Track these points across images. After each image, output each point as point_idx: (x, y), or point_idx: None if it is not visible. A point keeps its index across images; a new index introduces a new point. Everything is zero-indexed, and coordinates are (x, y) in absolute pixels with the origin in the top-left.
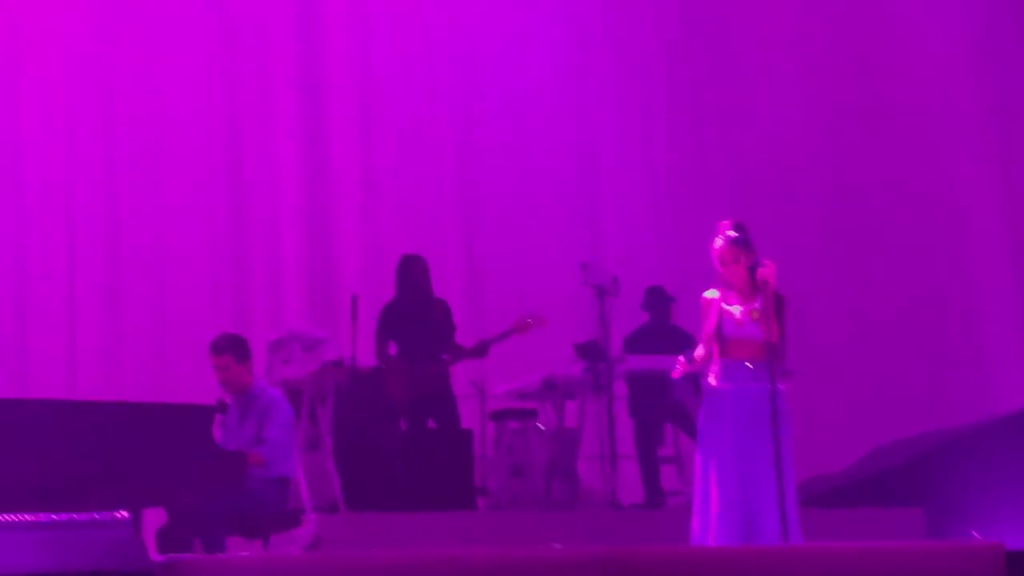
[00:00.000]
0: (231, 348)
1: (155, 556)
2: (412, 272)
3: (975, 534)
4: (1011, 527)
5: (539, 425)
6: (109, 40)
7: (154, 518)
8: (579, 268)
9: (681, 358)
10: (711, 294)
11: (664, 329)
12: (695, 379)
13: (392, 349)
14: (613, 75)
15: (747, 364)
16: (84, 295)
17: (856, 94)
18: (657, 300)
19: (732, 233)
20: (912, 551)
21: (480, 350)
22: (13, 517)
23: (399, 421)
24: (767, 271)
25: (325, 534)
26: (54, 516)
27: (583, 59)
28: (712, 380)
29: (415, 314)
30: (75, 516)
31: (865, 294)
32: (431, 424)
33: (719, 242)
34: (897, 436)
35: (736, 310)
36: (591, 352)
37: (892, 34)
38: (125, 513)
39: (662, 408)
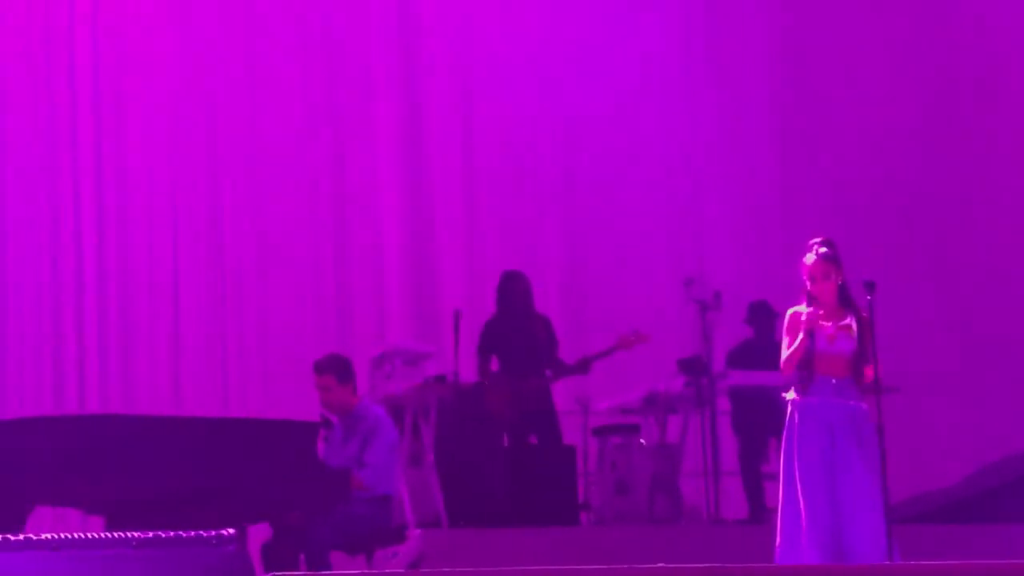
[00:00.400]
0: (332, 368)
1: (260, 573)
2: (513, 289)
3: None
4: None
5: (641, 440)
6: (212, 68)
7: (259, 534)
8: (682, 284)
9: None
10: (800, 309)
11: (768, 344)
12: None
13: (494, 365)
14: (717, 90)
15: (832, 379)
16: (188, 313)
17: (958, 103)
18: (761, 315)
19: (823, 249)
20: (1021, 571)
21: (583, 367)
22: (120, 533)
23: (502, 437)
24: (870, 372)
25: (428, 550)
26: (161, 532)
27: (686, 74)
28: (797, 395)
29: (516, 330)
30: (181, 533)
31: (971, 309)
32: (533, 440)
33: (810, 258)
34: (1006, 453)
35: (828, 326)
36: (694, 367)
37: (993, 45)
38: (231, 530)
39: (766, 424)
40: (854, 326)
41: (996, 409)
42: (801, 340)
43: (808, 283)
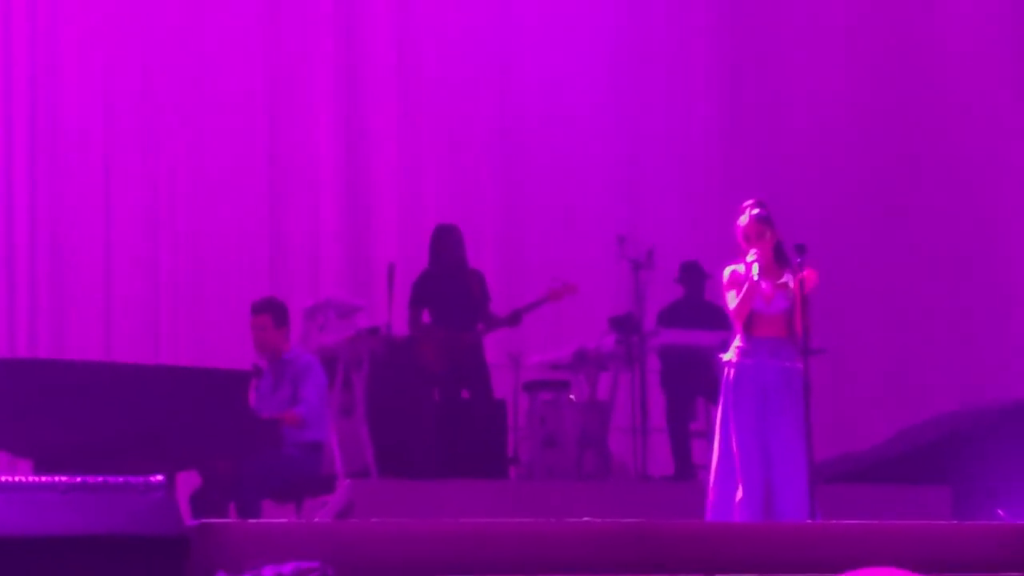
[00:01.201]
0: (270, 309)
1: (189, 520)
2: (446, 242)
3: (1001, 513)
4: None
5: (571, 396)
6: (148, 10)
7: (187, 482)
8: (615, 241)
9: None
10: (739, 268)
11: (698, 304)
12: None
13: (425, 318)
14: (653, 50)
15: (769, 340)
16: (121, 261)
17: (895, 73)
18: (692, 275)
19: (756, 211)
20: (938, 530)
21: (513, 319)
22: (47, 478)
23: (432, 390)
24: (811, 275)
25: (357, 500)
26: (88, 478)
27: (624, 33)
28: (735, 355)
29: (449, 284)
30: (109, 479)
31: (898, 273)
32: (464, 394)
33: (744, 219)
34: (928, 415)
35: (765, 286)
36: (625, 325)
37: (934, 21)
38: (160, 476)
39: (694, 382)
40: (791, 283)
41: (919, 372)
42: (748, 285)
43: (744, 244)
